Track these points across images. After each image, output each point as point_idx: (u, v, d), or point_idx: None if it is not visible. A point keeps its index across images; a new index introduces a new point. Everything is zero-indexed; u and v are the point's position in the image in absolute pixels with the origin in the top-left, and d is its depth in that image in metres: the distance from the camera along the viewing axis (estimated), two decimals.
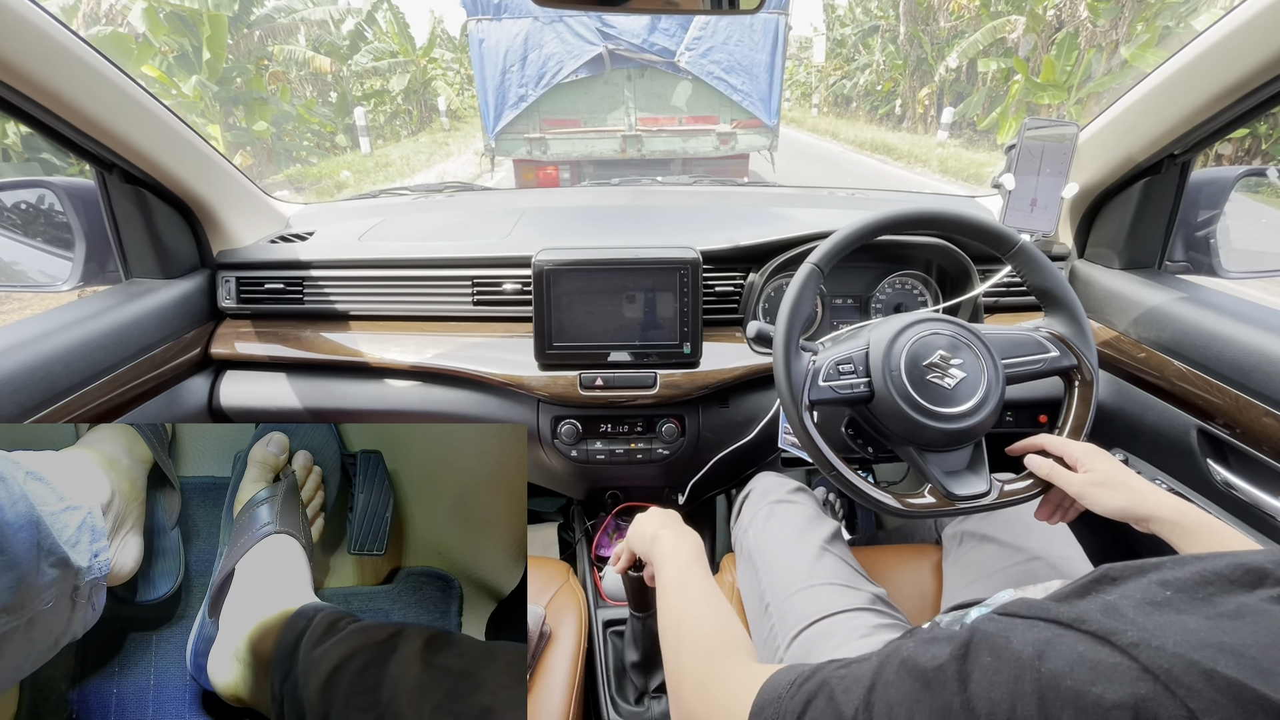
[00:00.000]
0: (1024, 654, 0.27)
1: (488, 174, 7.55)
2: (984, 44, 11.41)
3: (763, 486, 1.00)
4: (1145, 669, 0.24)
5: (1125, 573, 0.32)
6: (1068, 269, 1.11)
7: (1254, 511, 0.78)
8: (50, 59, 0.75)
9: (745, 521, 0.96)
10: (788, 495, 0.96)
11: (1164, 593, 0.29)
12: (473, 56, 5.17)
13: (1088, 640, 0.27)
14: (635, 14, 4.60)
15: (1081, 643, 0.27)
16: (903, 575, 0.91)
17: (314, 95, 14.47)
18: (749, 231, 1.07)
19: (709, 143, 5.56)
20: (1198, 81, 0.80)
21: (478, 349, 1.06)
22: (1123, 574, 0.32)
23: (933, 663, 0.31)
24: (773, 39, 5.08)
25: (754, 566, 0.87)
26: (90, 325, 0.90)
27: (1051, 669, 0.26)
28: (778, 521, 0.91)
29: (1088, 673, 0.25)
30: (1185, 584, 0.29)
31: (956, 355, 0.73)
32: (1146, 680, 0.24)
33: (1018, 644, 0.28)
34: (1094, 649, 0.26)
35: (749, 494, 1.01)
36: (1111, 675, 0.25)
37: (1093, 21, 9.86)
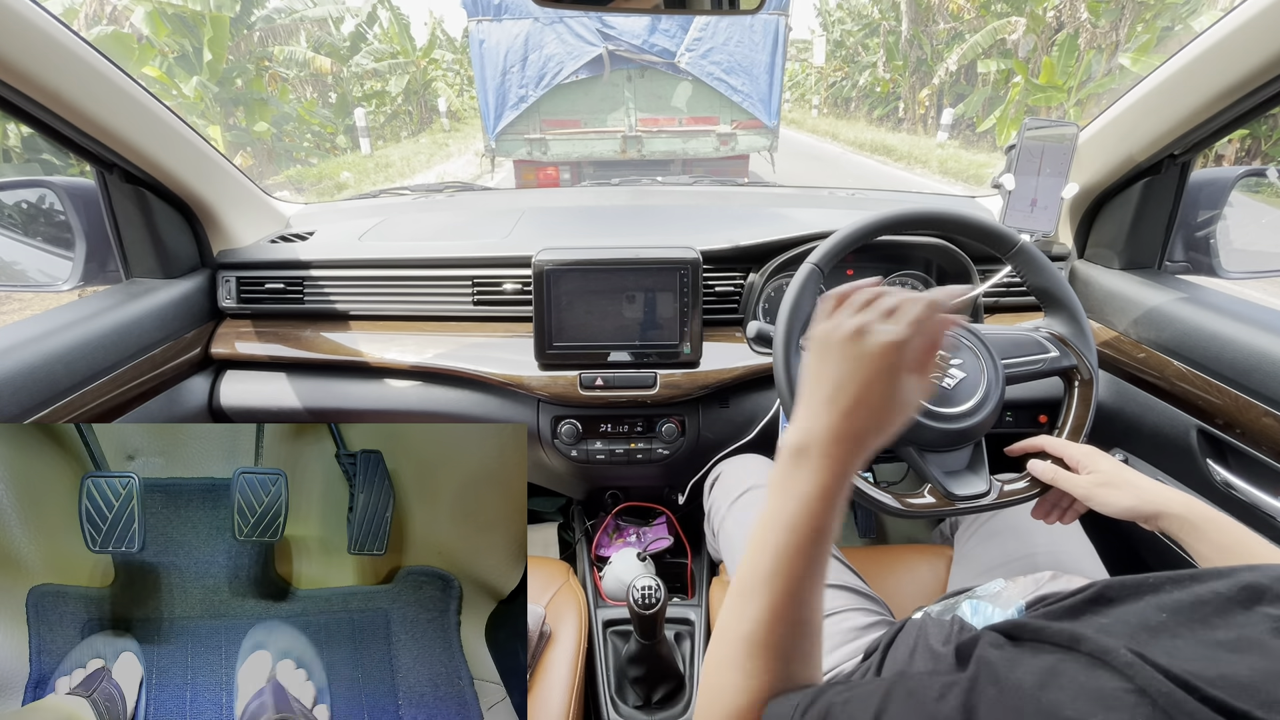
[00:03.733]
0: (1025, 684, 0.27)
1: (488, 175, 7.55)
2: (984, 45, 11.42)
3: (730, 472, 0.97)
4: (1143, 693, 0.24)
5: (1123, 593, 0.32)
6: (1068, 269, 1.11)
7: (1254, 512, 0.78)
8: (51, 59, 0.75)
9: (716, 518, 0.92)
10: (758, 480, 0.92)
11: (1160, 616, 0.29)
12: (473, 57, 5.18)
13: (1086, 664, 0.27)
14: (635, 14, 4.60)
15: (1082, 670, 0.26)
16: (903, 575, 0.91)
17: (314, 96, 14.48)
18: (749, 231, 1.07)
19: (709, 143, 5.57)
20: (1198, 81, 0.81)
21: (478, 349, 1.06)
22: (1120, 594, 0.32)
23: (939, 697, 0.30)
24: (773, 40, 5.08)
25: (727, 564, 0.87)
26: (90, 325, 0.90)
27: (1052, 699, 0.26)
28: (748, 513, 0.87)
29: (1088, 703, 0.25)
30: (1182, 607, 0.29)
31: (956, 355, 0.73)
32: (1145, 706, 0.24)
33: (1020, 674, 0.28)
34: (1093, 675, 0.26)
35: (716, 481, 0.97)
36: (1111, 703, 0.24)
37: (1093, 23, 9.87)
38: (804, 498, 0.42)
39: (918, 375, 0.45)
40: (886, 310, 0.45)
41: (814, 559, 0.42)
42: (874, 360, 0.43)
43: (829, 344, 0.45)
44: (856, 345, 0.44)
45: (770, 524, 0.44)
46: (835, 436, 0.43)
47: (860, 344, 0.44)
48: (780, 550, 0.42)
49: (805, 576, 0.42)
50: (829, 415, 0.43)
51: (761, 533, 0.44)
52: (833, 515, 0.43)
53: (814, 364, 0.46)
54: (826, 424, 0.43)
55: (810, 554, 0.42)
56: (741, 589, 0.43)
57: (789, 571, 0.42)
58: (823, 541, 0.42)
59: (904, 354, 0.44)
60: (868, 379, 0.43)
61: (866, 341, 0.44)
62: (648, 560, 1.19)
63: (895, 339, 0.43)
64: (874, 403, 0.43)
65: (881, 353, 0.43)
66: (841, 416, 0.43)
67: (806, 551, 0.42)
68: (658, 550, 1.23)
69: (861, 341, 0.44)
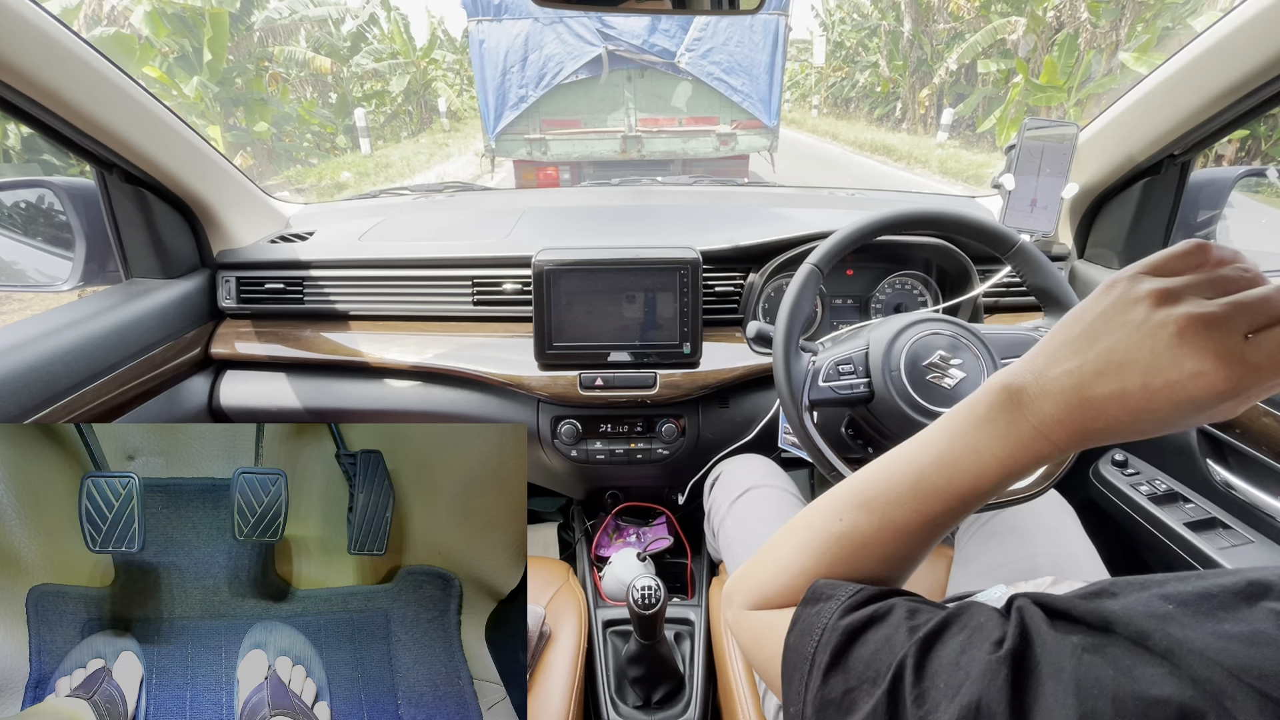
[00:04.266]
0: (1075, 668, 0.26)
1: (488, 175, 7.56)
2: (984, 45, 11.42)
3: (731, 472, 0.97)
4: (1186, 675, 0.24)
5: (1127, 588, 0.31)
6: (1068, 269, 1.11)
7: (1254, 511, 0.78)
8: (50, 59, 0.75)
9: (716, 518, 0.92)
10: (758, 481, 0.92)
11: (1166, 606, 0.28)
12: (473, 57, 5.18)
13: (1123, 644, 0.26)
14: (635, 14, 4.60)
15: (1114, 646, 0.26)
16: None
17: (314, 96, 14.49)
18: (749, 231, 1.07)
19: (709, 143, 5.57)
20: (1198, 81, 0.81)
21: (478, 349, 1.06)
22: (1125, 589, 0.31)
23: (996, 643, 0.29)
24: (773, 40, 5.08)
25: (728, 564, 0.86)
26: (90, 325, 0.90)
27: (1089, 675, 0.25)
28: (749, 513, 0.87)
29: (1128, 677, 0.24)
30: (1188, 599, 0.28)
31: (956, 355, 0.73)
32: (1188, 686, 0.23)
33: (1065, 654, 0.27)
34: (1130, 653, 0.25)
35: (716, 481, 0.98)
36: (1154, 679, 0.24)
37: (1093, 23, 9.87)
38: (986, 455, 0.34)
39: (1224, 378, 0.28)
40: (1224, 280, 0.30)
41: (955, 515, 0.37)
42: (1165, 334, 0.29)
43: (1120, 297, 0.31)
44: (1151, 312, 0.30)
45: (927, 454, 0.37)
46: (1074, 400, 0.31)
47: (1156, 313, 0.30)
48: (924, 491, 0.37)
49: (934, 524, 0.37)
50: (1076, 364, 0.31)
51: (914, 451, 0.38)
52: (1005, 485, 0.35)
53: (1087, 307, 0.33)
54: (1067, 377, 0.32)
55: (956, 509, 0.36)
56: (854, 498, 0.39)
57: (919, 510, 0.37)
58: (974, 505, 0.36)
59: (1214, 337, 0.28)
60: (1150, 350, 0.29)
61: (1171, 311, 0.29)
62: (648, 560, 1.19)
63: (1210, 313, 0.28)
64: (1139, 381, 0.30)
65: (1182, 327, 0.29)
66: (1094, 375, 0.31)
67: (952, 506, 0.36)
68: (658, 550, 1.23)
69: (1161, 310, 0.30)
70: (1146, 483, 0.91)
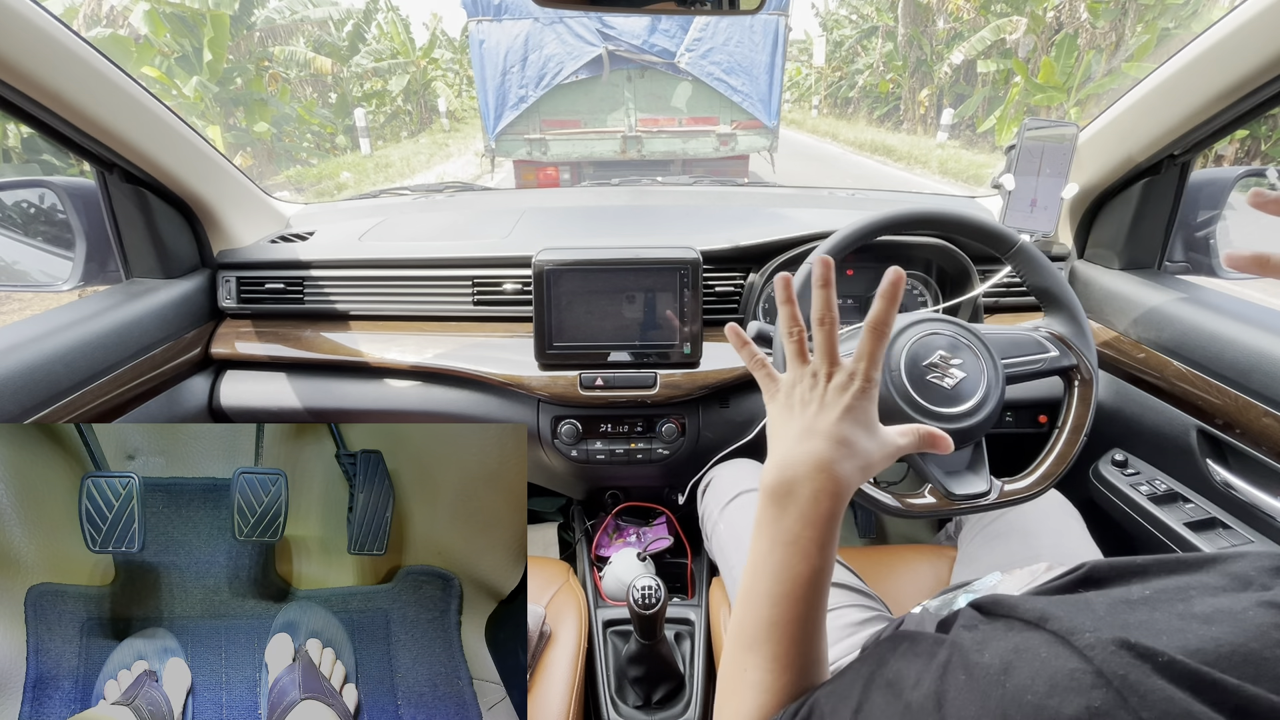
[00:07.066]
0: (992, 668, 0.27)
1: (488, 175, 7.55)
2: (984, 45, 11.42)
3: (720, 478, 0.97)
4: (1100, 674, 0.24)
5: (1111, 574, 0.32)
6: (1067, 269, 1.11)
7: (1253, 512, 0.78)
8: (50, 59, 0.75)
9: (709, 524, 0.93)
10: (748, 485, 0.92)
11: (1143, 591, 0.29)
12: (473, 57, 5.18)
13: (1050, 642, 0.27)
14: (636, 14, 4.61)
15: (1045, 646, 0.27)
16: (903, 575, 0.91)
17: (314, 96, 14.49)
18: (749, 231, 1.08)
19: (709, 144, 5.57)
20: (1197, 82, 0.81)
21: (478, 349, 1.06)
22: (1108, 575, 0.32)
23: (914, 685, 0.31)
24: (772, 40, 5.09)
25: (722, 569, 0.87)
26: (91, 325, 0.90)
27: (1016, 684, 0.26)
28: (739, 517, 0.88)
29: (1046, 684, 0.25)
30: (1168, 587, 0.29)
31: (956, 355, 0.73)
32: (1100, 689, 0.24)
33: (988, 657, 0.28)
34: (1055, 654, 0.26)
35: (707, 487, 0.98)
36: (1069, 684, 0.25)
37: (1092, 23, 9.87)
38: (795, 540, 0.41)
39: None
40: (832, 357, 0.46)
41: (815, 602, 0.40)
42: (845, 397, 0.44)
43: (792, 393, 0.46)
44: (820, 387, 0.45)
45: (761, 571, 0.41)
46: (820, 465, 0.41)
47: (822, 386, 0.45)
48: (777, 598, 0.40)
49: (808, 619, 0.40)
50: (811, 446, 0.42)
51: (753, 581, 0.42)
52: (829, 553, 0.41)
53: (781, 407, 0.46)
54: (810, 454, 0.42)
55: (810, 597, 0.40)
56: (742, 640, 0.42)
57: (790, 618, 0.40)
58: (822, 581, 0.41)
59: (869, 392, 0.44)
60: (842, 410, 0.43)
61: (831, 384, 0.45)
62: (648, 560, 1.19)
63: (860, 383, 0.44)
64: (851, 435, 0.43)
65: (851, 391, 0.44)
66: (829, 443, 0.42)
67: (806, 596, 0.40)
68: (658, 550, 1.23)
69: (823, 384, 0.45)
70: (1146, 483, 0.91)
